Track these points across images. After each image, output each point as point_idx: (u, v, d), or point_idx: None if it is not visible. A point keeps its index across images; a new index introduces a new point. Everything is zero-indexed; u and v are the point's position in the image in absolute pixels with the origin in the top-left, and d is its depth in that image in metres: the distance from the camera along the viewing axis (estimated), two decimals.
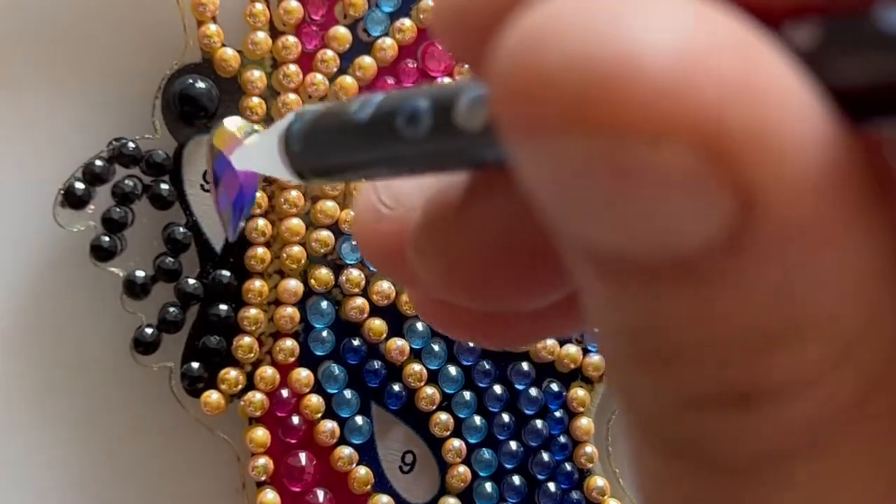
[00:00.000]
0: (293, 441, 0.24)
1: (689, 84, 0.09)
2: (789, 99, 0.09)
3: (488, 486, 0.25)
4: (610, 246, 0.10)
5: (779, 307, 0.10)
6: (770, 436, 0.10)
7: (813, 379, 0.10)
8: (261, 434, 0.24)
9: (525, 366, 0.25)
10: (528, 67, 0.09)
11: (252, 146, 0.18)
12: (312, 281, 0.24)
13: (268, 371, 0.24)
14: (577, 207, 0.10)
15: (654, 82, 0.09)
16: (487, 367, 0.25)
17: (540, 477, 0.25)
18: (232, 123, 0.23)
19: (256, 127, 0.20)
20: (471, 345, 0.25)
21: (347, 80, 0.24)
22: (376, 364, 0.24)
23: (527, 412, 0.25)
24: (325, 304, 0.24)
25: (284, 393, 0.24)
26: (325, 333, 0.24)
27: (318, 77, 0.24)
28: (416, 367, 0.24)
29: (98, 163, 0.23)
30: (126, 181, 0.23)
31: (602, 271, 0.11)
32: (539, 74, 0.09)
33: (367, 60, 0.24)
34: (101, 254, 0.23)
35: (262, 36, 0.24)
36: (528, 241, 0.15)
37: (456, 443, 0.25)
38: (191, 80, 0.23)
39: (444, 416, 0.25)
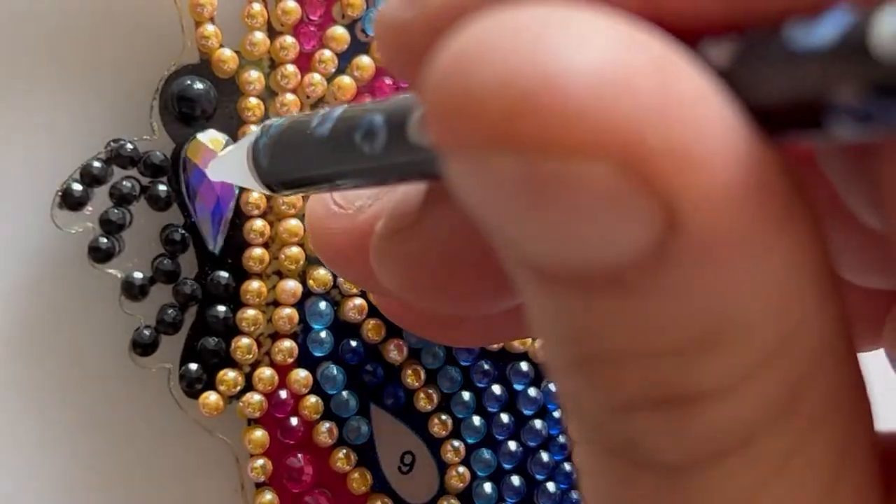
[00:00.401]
0: (292, 442, 0.24)
1: (610, 102, 0.09)
2: (707, 116, 0.10)
3: (487, 486, 0.25)
4: (542, 257, 0.11)
5: (703, 315, 0.10)
6: (702, 436, 0.11)
7: (740, 382, 0.10)
8: (259, 435, 0.24)
9: (524, 366, 0.25)
10: (457, 86, 0.10)
11: (225, 158, 0.19)
12: (311, 282, 0.24)
13: (266, 372, 0.24)
14: (508, 221, 0.10)
15: (576, 101, 0.09)
16: (486, 367, 0.25)
17: (539, 477, 0.25)
18: (205, 136, 0.24)
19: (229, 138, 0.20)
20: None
21: (346, 80, 0.24)
22: (375, 365, 0.24)
23: (526, 412, 0.25)
24: (323, 304, 0.24)
25: (283, 394, 0.24)
26: (323, 334, 0.24)
27: (317, 77, 0.24)
28: (415, 367, 0.24)
29: (96, 164, 0.23)
30: (124, 182, 0.23)
31: (538, 281, 0.11)
32: (466, 93, 0.10)
33: (365, 60, 0.24)
34: (100, 255, 0.23)
35: (260, 36, 0.24)
36: (483, 247, 0.15)
37: (455, 443, 0.25)
38: (189, 81, 0.23)
39: (442, 417, 0.25)
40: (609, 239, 0.10)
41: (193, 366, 0.23)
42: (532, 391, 0.25)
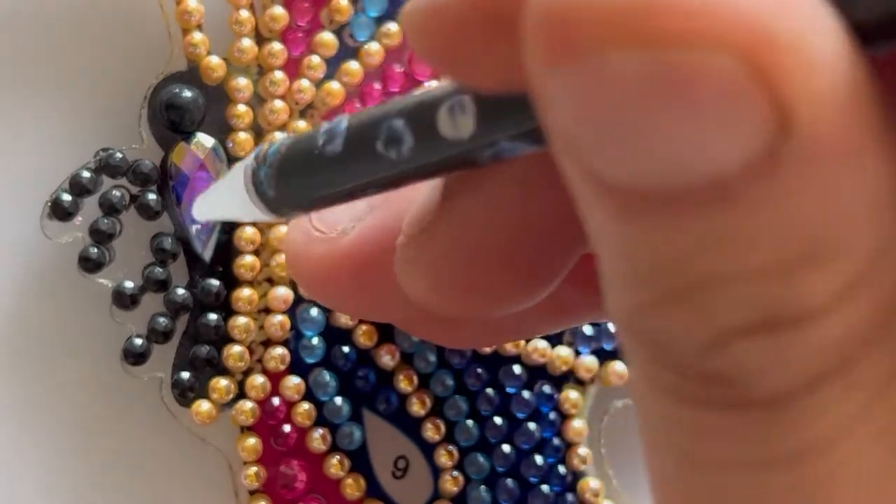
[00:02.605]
0: (285, 449, 0.24)
1: None
2: (820, 20, 0.10)
3: (482, 490, 0.25)
4: (637, 175, 0.10)
5: (807, 226, 0.10)
6: (801, 360, 0.10)
7: (838, 300, 0.10)
8: (253, 442, 0.24)
9: (517, 369, 0.25)
10: None
11: (211, 196, 0.18)
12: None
13: (258, 379, 0.24)
14: (613, 133, 0.10)
15: None
16: (479, 370, 0.25)
17: (533, 480, 0.25)
18: (190, 140, 0.24)
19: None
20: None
21: (334, 85, 0.24)
22: (367, 370, 0.24)
23: (519, 415, 0.25)
24: (314, 311, 0.24)
25: (276, 401, 0.24)
26: (315, 340, 0.24)
27: (305, 83, 0.24)
28: (408, 372, 0.24)
29: (85, 174, 0.23)
30: (113, 192, 0.23)
31: (623, 208, 0.11)
32: None
33: (353, 66, 0.24)
34: (90, 265, 0.23)
35: (248, 43, 0.24)
36: (509, 237, 0.15)
37: (449, 447, 0.25)
38: (177, 89, 0.23)
39: (436, 421, 0.25)
40: (723, 144, 0.10)
41: (185, 374, 0.23)
42: (525, 394, 0.25)
